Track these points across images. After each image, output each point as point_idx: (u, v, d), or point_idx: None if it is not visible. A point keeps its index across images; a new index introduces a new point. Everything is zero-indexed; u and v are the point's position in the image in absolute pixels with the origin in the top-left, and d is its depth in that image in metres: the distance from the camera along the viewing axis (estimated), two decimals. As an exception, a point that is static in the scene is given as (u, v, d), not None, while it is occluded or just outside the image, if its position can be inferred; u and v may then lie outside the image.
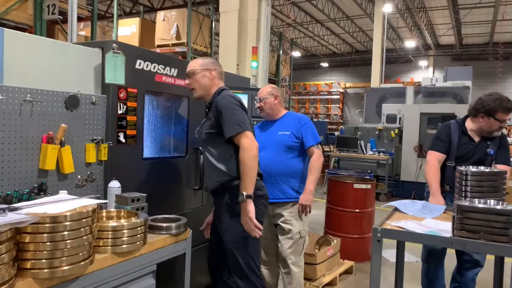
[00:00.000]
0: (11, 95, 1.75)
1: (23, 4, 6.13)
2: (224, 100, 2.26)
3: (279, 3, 15.65)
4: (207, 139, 2.32)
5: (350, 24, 18.71)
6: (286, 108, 3.35)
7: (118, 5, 15.19)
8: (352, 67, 24.06)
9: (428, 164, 3.03)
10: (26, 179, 1.83)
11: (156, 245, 1.77)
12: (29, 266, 1.29)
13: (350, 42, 21.90)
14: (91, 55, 2.28)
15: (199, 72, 2.36)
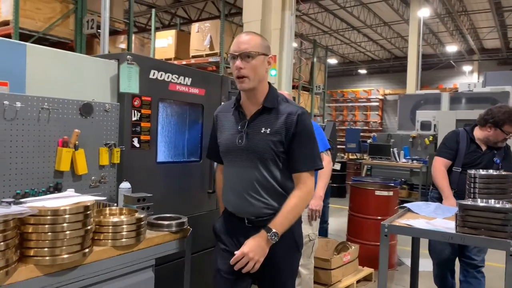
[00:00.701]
0: (30, 103, 1.96)
1: (65, 20, 6.61)
2: (308, 120, 1.86)
3: (314, 12, 15.73)
4: (271, 157, 1.82)
5: (388, 30, 18.42)
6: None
7: (157, 18, 15.86)
8: (391, 74, 23.58)
9: (436, 169, 3.15)
10: (43, 179, 2.03)
11: (155, 241, 1.90)
12: (32, 254, 1.46)
13: (389, 48, 21.52)
14: (108, 66, 2.48)
15: (260, 56, 1.78)
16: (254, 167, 1.83)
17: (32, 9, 6.22)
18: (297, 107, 1.87)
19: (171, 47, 10.60)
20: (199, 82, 3.01)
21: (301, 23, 17.36)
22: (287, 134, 1.80)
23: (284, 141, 1.81)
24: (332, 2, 14.29)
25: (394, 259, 4.64)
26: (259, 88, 1.84)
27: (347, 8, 14.86)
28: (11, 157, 1.90)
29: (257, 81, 1.81)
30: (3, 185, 1.88)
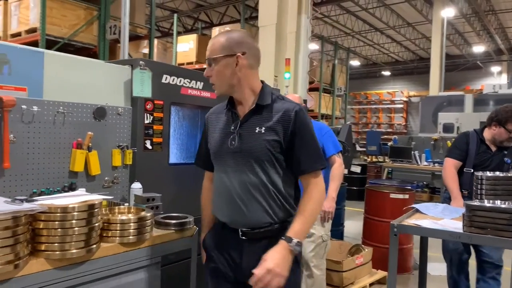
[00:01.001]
0: (46, 107, 2.08)
1: (89, 26, 6.84)
2: (307, 118, 1.71)
3: (335, 14, 15.66)
4: (267, 158, 1.64)
5: (412, 31, 18.14)
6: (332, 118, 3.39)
7: (180, 22, 16.15)
8: (416, 75, 23.17)
9: (446, 170, 3.20)
10: (58, 179, 2.15)
11: (162, 239, 1.98)
12: (43, 248, 1.56)
13: (413, 50, 21.18)
14: (122, 72, 2.59)
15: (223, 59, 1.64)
16: (250, 170, 1.64)
17: (58, 16, 6.48)
18: (294, 103, 1.69)
19: (192, 51, 10.79)
20: (210, 86, 3.07)
21: (323, 25, 17.33)
22: (285, 133, 1.63)
23: (282, 140, 1.63)
24: (353, 3, 14.20)
25: (410, 262, 4.59)
26: (240, 89, 1.67)
27: (369, 9, 14.73)
28: (28, 158, 2.03)
29: (227, 86, 1.66)
30: (20, 184, 2.00)
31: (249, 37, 1.77)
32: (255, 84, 1.71)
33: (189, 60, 10.77)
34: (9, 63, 2.06)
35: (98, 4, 6.95)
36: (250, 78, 1.69)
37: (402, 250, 4.48)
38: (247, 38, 1.73)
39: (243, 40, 1.68)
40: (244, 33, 1.76)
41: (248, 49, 1.66)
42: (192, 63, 10.73)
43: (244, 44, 1.67)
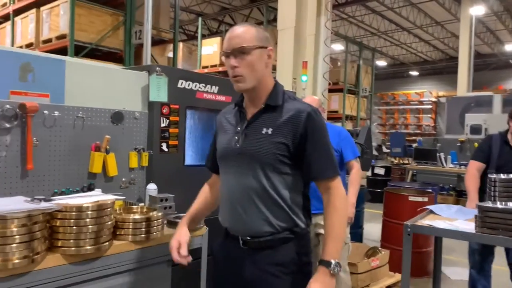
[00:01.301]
0: (66, 112, 2.21)
1: (115, 31, 7.07)
2: (322, 120, 1.60)
3: (361, 14, 15.51)
4: (272, 161, 1.53)
5: (440, 30, 17.73)
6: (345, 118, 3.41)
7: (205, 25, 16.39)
8: (445, 75, 22.59)
9: (467, 172, 3.27)
10: (78, 179, 2.28)
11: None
12: (60, 244, 1.68)
13: (442, 49, 20.68)
14: (139, 78, 2.71)
15: (256, 50, 1.54)
16: (252, 173, 1.54)
17: (86, 23, 6.73)
18: (306, 104, 1.58)
19: (216, 54, 10.95)
20: (225, 90, 3.17)
21: (348, 26, 17.19)
22: (294, 135, 1.52)
23: (290, 144, 1.51)
24: (378, 3, 14.03)
25: (430, 266, 4.53)
26: (260, 86, 1.58)
27: (395, 9, 14.51)
28: (50, 160, 2.16)
29: (256, 80, 1.55)
30: (43, 184, 2.14)
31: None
32: (269, 82, 1.62)
33: (213, 63, 10.94)
34: (33, 71, 2.20)
35: (124, 10, 7.18)
36: (268, 75, 1.62)
37: (421, 253, 4.44)
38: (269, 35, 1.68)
39: (269, 36, 1.62)
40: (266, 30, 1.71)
41: (273, 45, 1.61)
42: (216, 66, 10.89)
43: (270, 40, 1.61)
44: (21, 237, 1.49)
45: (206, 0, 15.04)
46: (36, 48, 7.21)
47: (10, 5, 7.99)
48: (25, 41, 7.51)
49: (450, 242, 4.61)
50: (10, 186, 2.01)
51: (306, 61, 4.57)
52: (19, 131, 2.03)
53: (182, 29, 17.87)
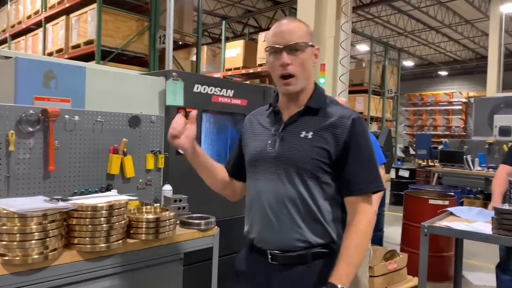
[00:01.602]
0: (85, 117, 2.33)
1: (140, 36, 7.29)
2: (365, 128, 1.47)
3: (386, 14, 15.30)
4: (311, 168, 1.40)
5: (470, 29, 17.25)
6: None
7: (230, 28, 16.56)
8: (476, 75, 21.94)
9: (496, 175, 3.28)
10: (97, 181, 2.39)
11: (184, 237, 2.15)
12: (76, 242, 1.78)
13: (472, 48, 20.10)
14: (156, 83, 2.81)
15: (308, 48, 1.44)
16: (288, 180, 1.40)
17: (113, 29, 6.97)
18: (350, 110, 1.46)
19: (239, 56, 11.07)
20: (241, 93, 3.24)
21: (374, 26, 16.97)
22: (336, 142, 1.38)
23: (332, 151, 1.38)
24: (405, 3, 13.80)
25: (451, 271, 4.45)
26: (305, 88, 1.46)
27: (422, 8, 14.23)
28: (70, 162, 2.28)
29: (305, 81, 1.44)
30: (63, 185, 2.26)
31: None
32: (311, 84, 1.50)
33: (236, 66, 11.06)
34: (56, 77, 2.33)
35: (148, 15, 7.39)
36: (312, 75, 1.50)
37: (442, 257, 4.37)
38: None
39: (312, 33, 1.52)
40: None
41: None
42: (239, 68, 11.00)
43: (313, 38, 1.51)
44: (40, 234, 1.60)
45: (230, 3, 15.20)
46: (66, 54, 7.52)
47: (42, 13, 8.36)
48: (55, 46, 7.84)
49: (473, 247, 4.51)
50: (33, 186, 2.13)
51: (324, 63, 4.58)
52: (42, 135, 2.15)
53: (207, 32, 18.13)
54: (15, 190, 2.05)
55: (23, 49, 9.25)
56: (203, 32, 17.82)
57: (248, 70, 10.80)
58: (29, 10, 8.95)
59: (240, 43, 11.25)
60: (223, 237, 2.95)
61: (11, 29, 9.82)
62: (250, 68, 10.75)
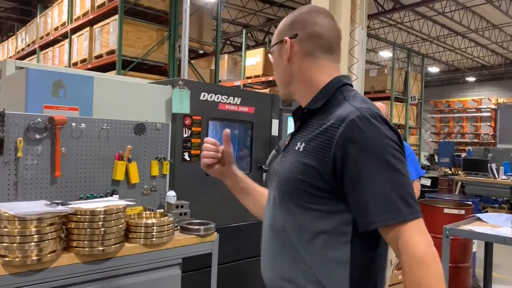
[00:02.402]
0: (92, 124, 2.42)
1: (160, 46, 7.47)
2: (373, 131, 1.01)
3: (410, 20, 15.09)
4: (297, 191, 1.09)
5: (499, 33, 16.76)
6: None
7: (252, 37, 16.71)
8: (506, 80, 21.26)
9: None
10: (102, 186, 2.47)
11: (182, 242, 2.20)
12: (75, 245, 1.85)
13: (501, 53, 19.50)
14: (163, 91, 2.89)
15: (274, 47, 1.26)
16: (275, 206, 1.17)
17: (133, 39, 7.17)
18: (355, 109, 1.03)
19: (259, 64, 11.15)
20: (248, 101, 3.28)
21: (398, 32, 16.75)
22: (324, 155, 1.03)
23: (320, 168, 1.03)
24: (428, 8, 13.58)
25: (468, 282, 4.32)
26: (296, 89, 1.21)
27: (446, 13, 13.96)
28: (77, 168, 2.37)
29: (281, 85, 1.24)
30: (70, 190, 2.35)
31: (312, 11, 1.20)
32: (315, 78, 1.17)
33: (256, 74, 11.15)
34: (65, 87, 2.44)
35: (168, 26, 7.57)
36: (307, 70, 1.17)
37: (458, 269, 4.24)
38: (305, 13, 1.19)
39: (297, 18, 1.19)
40: (307, 7, 1.22)
41: (302, 28, 1.16)
42: (259, 76, 11.08)
43: (297, 24, 1.18)
44: (39, 237, 1.68)
45: (252, 12, 15.35)
46: (89, 64, 7.78)
47: (68, 25, 8.69)
48: (80, 57, 8.12)
49: (497, 258, 4.37)
50: (40, 191, 2.23)
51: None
52: (49, 142, 2.25)
53: (229, 41, 18.35)
54: (23, 195, 2.15)
55: (50, 60, 9.63)
56: (225, 41, 18.07)
57: (267, 78, 10.86)
58: (56, 22, 9.32)
59: (260, 51, 11.33)
60: (226, 244, 2.99)
61: (40, 40, 10.24)
62: (269, 76, 10.80)
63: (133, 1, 7.04)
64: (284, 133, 3.48)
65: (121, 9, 6.82)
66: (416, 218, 0.97)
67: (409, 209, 0.97)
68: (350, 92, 1.14)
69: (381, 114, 1.05)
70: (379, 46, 17.09)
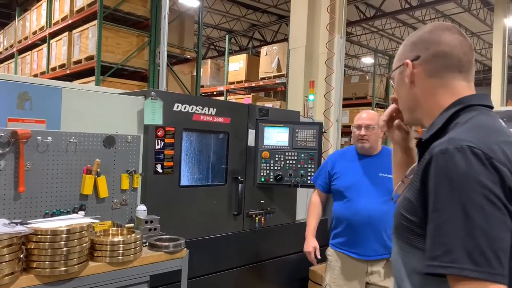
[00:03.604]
0: (59, 137, 2.36)
1: (140, 52, 7.39)
2: (449, 165, 0.89)
3: (391, 27, 15.32)
4: (403, 230, 1.04)
5: (477, 41, 17.15)
6: None
7: (236, 42, 16.72)
8: (484, 87, 21.68)
9: None
10: (70, 201, 2.41)
11: (150, 260, 2.15)
12: (35, 266, 1.79)
13: (479, 60, 19.95)
14: (135, 102, 2.83)
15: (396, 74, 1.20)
16: (396, 244, 1.10)
17: (113, 44, 7.08)
18: (446, 141, 0.93)
19: (242, 70, 11.13)
20: (224, 112, 3.25)
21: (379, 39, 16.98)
22: (417, 189, 0.98)
23: (415, 202, 0.98)
24: (409, 16, 13.80)
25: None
26: (422, 116, 1.13)
27: (426, 21, 14.20)
28: (42, 182, 2.31)
29: (407, 111, 1.19)
30: (35, 206, 2.28)
31: (435, 30, 1.11)
32: (439, 101, 1.08)
33: (238, 79, 11.12)
34: (31, 99, 2.37)
35: (149, 31, 7.50)
36: (431, 93, 1.09)
37: None
38: (428, 33, 1.11)
39: (419, 39, 1.12)
40: (430, 26, 1.14)
41: (425, 49, 1.09)
42: (242, 82, 11.06)
43: (419, 44, 1.12)
44: (-5, 259, 1.61)
45: (235, 17, 15.37)
46: (68, 69, 7.66)
47: (47, 29, 8.54)
48: (58, 62, 7.99)
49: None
50: (3, 208, 2.16)
51: (313, 80, 4.58)
52: (13, 156, 2.18)
53: (213, 45, 18.33)
54: (-16, 212, 2.08)
55: (29, 64, 9.44)
56: (209, 46, 18.04)
57: (250, 84, 10.86)
58: (34, 26, 9.16)
59: (243, 57, 11.32)
60: (199, 257, 2.94)
61: (18, 44, 10.04)
62: (252, 82, 10.80)
63: (113, 7, 6.96)
64: (260, 143, 3.46)
65: (100, 15, 6.73)
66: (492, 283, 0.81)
67: (482, 269, 0.81)
68: (468, 115, 1.02)
69: (481, 149, 0.87)
70: (361, 52, 17.30)
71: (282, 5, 13.54)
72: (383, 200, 2.49)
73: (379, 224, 2.53)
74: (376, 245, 2.57)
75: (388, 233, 2.51)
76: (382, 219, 2.49)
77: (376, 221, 2.53)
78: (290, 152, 3.45)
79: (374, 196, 2.55)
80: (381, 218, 2.50)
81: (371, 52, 15.05)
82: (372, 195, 2.56)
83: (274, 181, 3.42)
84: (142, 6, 7.41)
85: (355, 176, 2.66)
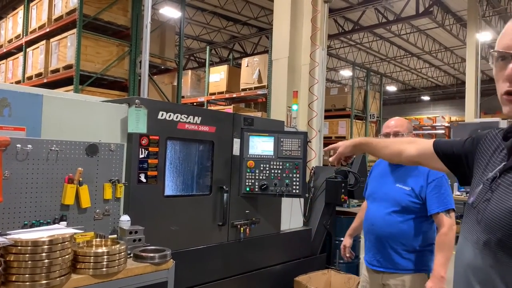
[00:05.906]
0: (39, 146, 2.27)
1: (120, 61, 7.29)
2: None
3: (368, 40, 15.65)
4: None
5: (450, 55, 17.72)
6: None
7: (216, 53, 16.75)
8: (458, 100, 22.40)
9: None
10: (50, 211, 2.32)
11: (135, 271, 2.08)
12: (14, 279, 1.70)
13: (453, 74, 20.61)
14: (119, 110, 2.77)
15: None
16: (491, 256, 0.97)
17: (93, 53, 6.97)
18: None
19: (223, 81, 11.15)
20: (209, 121, 3.21)
21: (357, 52, 17.33)
22: None
23: None
24: (385, 30, 14.15)
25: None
26: None
27: (402, 35, 14.60)
28: (22, 192, 2.21)
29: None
30: (13, 217, 2.18)
31: None
32: None
33: (219, 90, 11.12)
34: (10, 106, 2.28)
35: (129, 41, 7.42)
36: None
37: None
38: None
39: None
40: None
41: None
42: (223, 93, 11.06)
43: None
44: (-31, 272, 1.52)
45: (216, 29, 15.42)
46: (45, 78, 7.48)
47: (23, 37, 8.35)
48: (35, 71, 7.80)
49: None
50: (-21, 218, 2.05)
51: (297, 90, 4.61)
52: (-10, 165, 2.08)
53: (193, 56, 18.31)
54: (-41, 223, 1.97)
55: (3, 73, 9.19)
56: (189, 57, 18.01)
57: (231, 95, 10.87)
58: (10, 34, 8.95)
59: (224, 68, 11.35)
60: (185, 269, 2.87)
61: (-8, 52, 9.77)
62: (233, 93, 10.82)
63: (93, 16, 6.86)
64: (245, 152, 3.43)
65: (79, 23, 6.63)
66: None
67: None
68: None
69: None
70: (339, 65, 17.59)
71: (262, 17, 13.69)
72: (388, 212, 2.45)
73: (381, 234, 2.48)
74: (379, 255, 2.52)
75: (393, 245, 2.44)
76: (384, 230, 2.45)
77: (378, 230, 2.49)
78: (275, 162, 3.43)
79: (383, 206, 2.50)
80: (383, 228, 2.46)
81: (350, 65, 15.34)
82: (382, 204, 2.52)
83: (259, 191, 3.39)
84: (122, 15, 7.34)
85: (377, 186, 2.65)
